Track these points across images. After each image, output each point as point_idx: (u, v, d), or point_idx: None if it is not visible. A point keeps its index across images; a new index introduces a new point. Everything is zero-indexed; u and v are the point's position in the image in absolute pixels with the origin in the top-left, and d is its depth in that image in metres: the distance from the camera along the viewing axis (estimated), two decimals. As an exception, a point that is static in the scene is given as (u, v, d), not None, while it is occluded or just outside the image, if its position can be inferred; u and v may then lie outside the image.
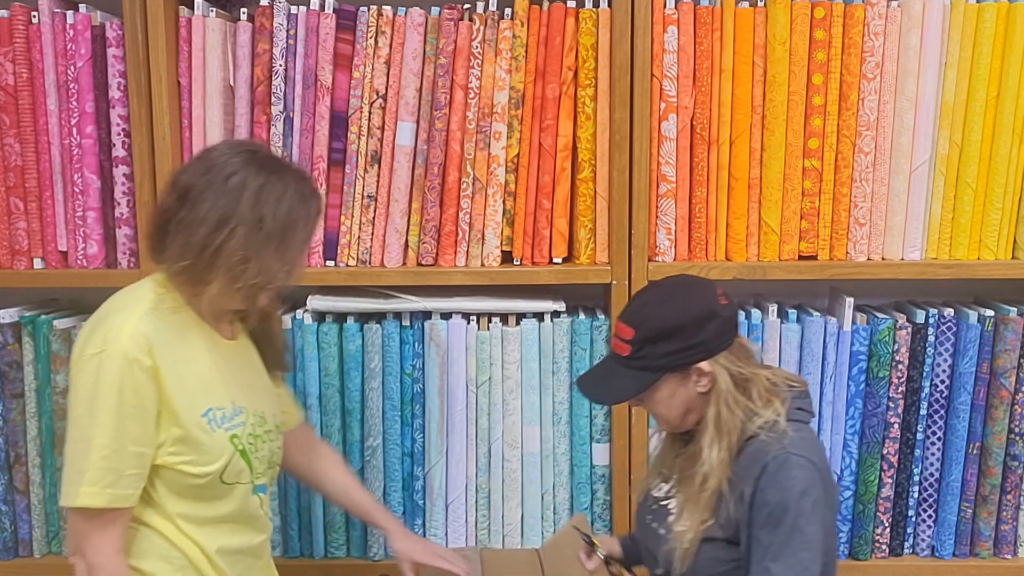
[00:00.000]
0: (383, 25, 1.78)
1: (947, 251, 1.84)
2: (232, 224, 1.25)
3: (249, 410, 1.39)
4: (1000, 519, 1.89)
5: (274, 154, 1.38)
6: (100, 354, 1.24)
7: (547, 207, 1.82)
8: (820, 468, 1.31)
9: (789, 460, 1.28)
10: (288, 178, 1.31)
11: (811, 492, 1.27)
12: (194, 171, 1.30)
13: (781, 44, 1.76)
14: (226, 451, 1.34)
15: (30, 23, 1.79)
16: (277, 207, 1.28)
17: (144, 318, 1.28)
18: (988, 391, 1.85)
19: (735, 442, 1.33)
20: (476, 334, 1.86)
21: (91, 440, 1.24)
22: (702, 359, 1.33)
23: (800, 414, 1.37)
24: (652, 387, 1.36)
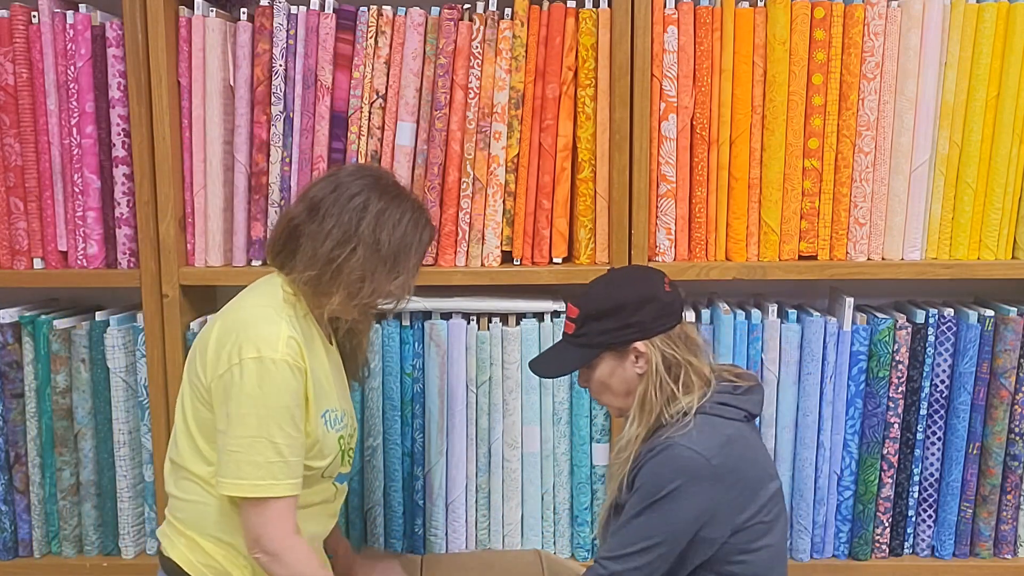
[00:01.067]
0: (383, 25, 1.78)
1: (947, 251, 1.84)
2: (354, 243, 1.36)
3: (348, 412, 1.52)
4: (1000, 519, 1.89)
5: (396, 181, 1.47)
6: (259, 359, 1.33)
7: (547, 207, 1.82)
8: (711, 462, 1.31)
9: (671, 448, 1.32)
10: (406, 206, 1.41)
11: (685, 484, 1.30)
12: (323, 187, 1.40)
13: (781, 44, 1.76)
14: (335, 450, 1.46)
15: (30, 23, 1.79)
16: (394, 231, 1.38)
17: (292, 324, 1.38)
18: (988, 391, 1.85)
19: (652, 423, 1.39)
20: (476, 334, 1.86)
21: (271, 438, 1.33)
22: (638, 339, 1.39)
23: (722, 409, 1.38)
24: (593, 365, 1.43)
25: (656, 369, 1.39)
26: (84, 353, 1.86)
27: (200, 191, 1.82)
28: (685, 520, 1.32)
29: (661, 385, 1.39)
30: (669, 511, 1.31)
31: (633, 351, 1.40)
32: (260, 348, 1.33)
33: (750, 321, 1.84)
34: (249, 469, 1.33)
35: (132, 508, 1.90)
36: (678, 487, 1.31)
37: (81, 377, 1.86)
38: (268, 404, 1.33)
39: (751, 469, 1.37)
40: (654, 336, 1.39)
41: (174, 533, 1.46)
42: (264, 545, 1.35)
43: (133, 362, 1.86)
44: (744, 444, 1.37)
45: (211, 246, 1.83)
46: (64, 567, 1.92)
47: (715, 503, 1.32)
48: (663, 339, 1.39)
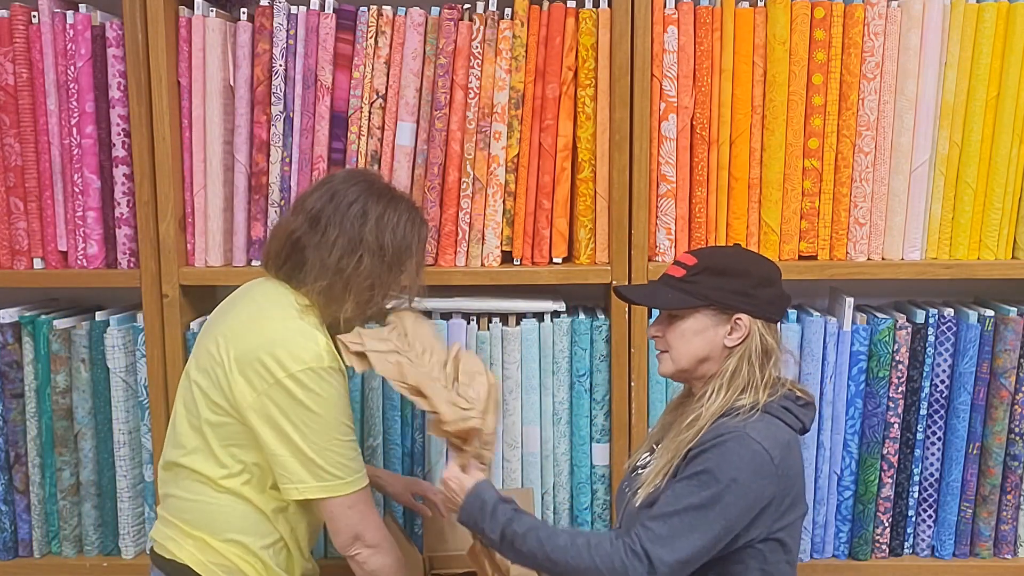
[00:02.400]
0: (383, 25, 1.78)
1: (947, 251, 1.84)
2: (360, 251, 1.40)
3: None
4: (1000, 519, 1.89)
5: (387, 183, 1.51)
6: (312, 370, 1.37)
7: (547, 207, 1.82)
8: (775, 462, 1.29)
9: (741, 439, 1.29)
10: (402, 207, 1.45)
11: (748, 476, 1.27)
12: (320, 197, 1.43)
13: (781, 44, 1.76)
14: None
15: (30, 23, 1.79)
16: (395, 234, 1.42)
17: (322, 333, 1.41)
18: (988, 391, 1.85)
19: (730, 401, 1.35)
20: (476, 334, 1.85)
21: (344, 437, 1.40)
22: (747, 311, 1.36)
23: (786, 415, 1.37)
24: (686, 315, 1.37)
25: (752, 348, 1.36)
26: (84, 353, 1.86)
27: (200, 191, 1.82)
28: (739, 513, 1.28)
29: (751, 367, 1.36)
30: (728, 502, 1.26)
31: (735, 320, 1.36)
32: (307, 360, 1.37)
33: (750, 321, 1.84)
34: (334, 471, 1.39)
35: (132, 508, 1.90)
36: (742, 479, 1.27)
37: (81, 377, 1.86)
38: (333, 409, 1.38)
39: (798, 480, 1.36)
40: (761, 318, 1.37)
41: (180, 535, 1.46)
42: (367, 539, 1.42)
43: (133, 362, 1.86)
44: (797, 454, 1.37)
45: (211, 246, 1.83)
46: (64, 567, 1.92)
47: (768, 500, 1.30)
48: (766, 324, 1.38)
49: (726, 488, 1.26)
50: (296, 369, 1.35)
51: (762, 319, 1.37)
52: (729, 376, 1.37)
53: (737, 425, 1.31)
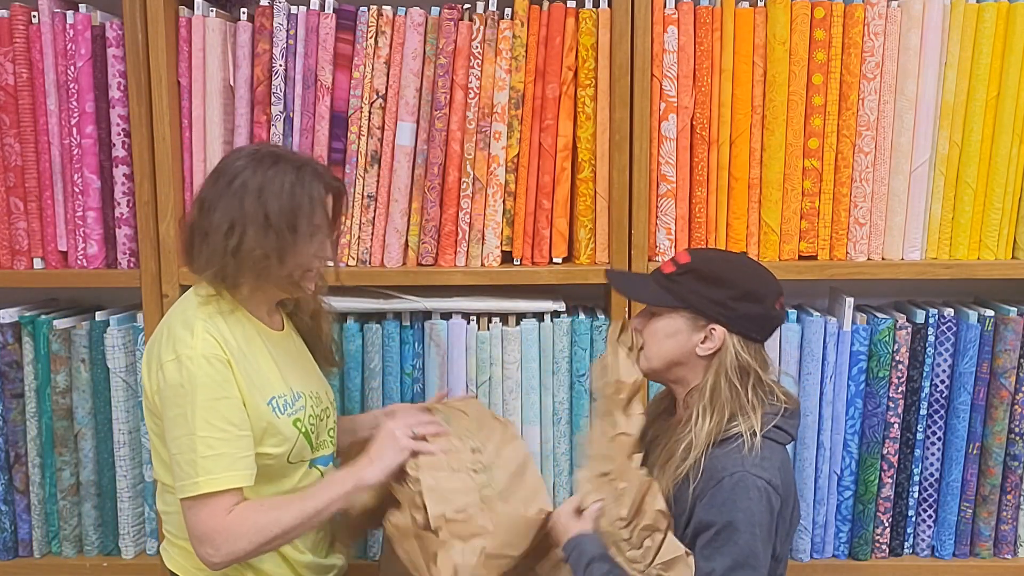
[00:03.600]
0: (383, 25, 1.78)
1: (947, 251, 1.84)
2: (241, 226, 1.34)
3: (307, 394, 1.49)
4: (1000, 519, 1.89)
5: (278, 148, 1.45)
6: (176, 359, 1.34)
7: (547, 207, 1.82)
8: (779, 491, 1.29)
9: (746, 480, 1.27)
10: (286, 168, 1.38)
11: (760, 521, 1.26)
12: (208, 182, 1.40)
13: (781, 44, 1.76)
14: (293, 435, 1.44)
15: (30, 23, 1.79)
16: (280, 201, 1.36)
17: (207, 323, 1.38)
18: (988, 391, 1.85)
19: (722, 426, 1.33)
20: (476, 334, 1.85)
21: (193, 435, 1.32)
22: (722, 323, 1.34)
23: (777, 433, 1.35)
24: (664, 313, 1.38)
25: (728, 364, 1.33)
26: (84, 353, 1.86)
27: (200, 191, 1.82)
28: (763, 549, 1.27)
29: (730, 385, 1.33)
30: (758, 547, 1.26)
31: (709, 329, 1.34)
32: (176, 349, 1.34)
33: (750, 321, 1.84)
34: (187, 469, 1.33)
35: (132, 508, 1.90)
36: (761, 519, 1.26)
37: (81, 377, 1.86)
38: (193, 401, 1.32)
39: (792, 495, 1.36)
40: (737, 333, 1.34)
41: (170, 545, 1.50)
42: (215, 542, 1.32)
43: (133, 362, 1.86)
44: (789, 469, 1.36)
45: (211, 246, 1.83)
46: (64, 567, 1.92)
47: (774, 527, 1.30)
48: (743, 341, 1.34)
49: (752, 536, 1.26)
50: (166, 359, 1.34)
51: (739, 334, 1.34)
52: (710, 394, 1.34)
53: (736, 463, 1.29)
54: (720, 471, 1.29)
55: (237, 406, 1.36)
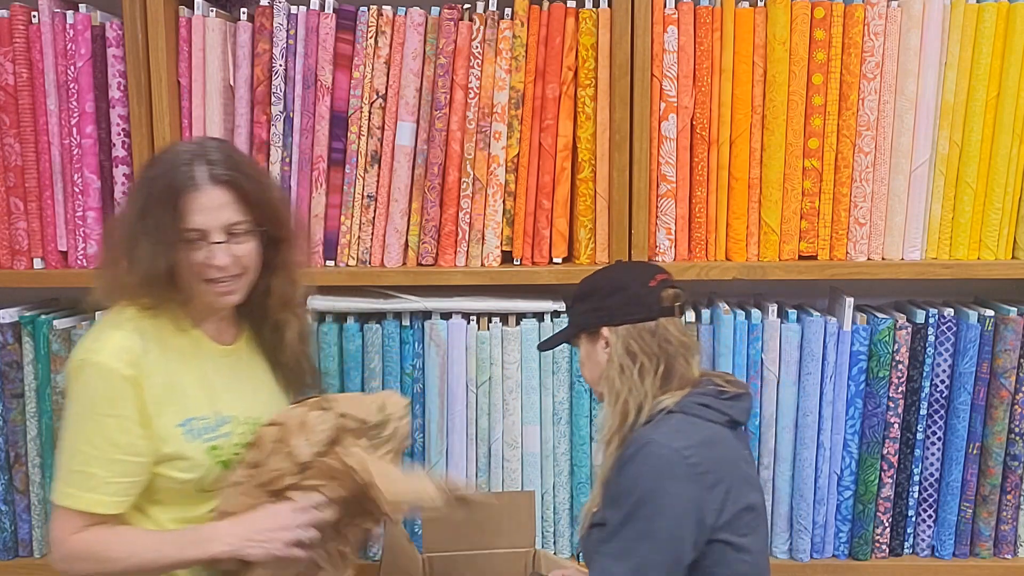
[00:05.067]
0: (383, 25, 1.78)
1: (947, 251, 1.84)
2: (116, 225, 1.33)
3: (240, 419, 1.38)
4: (1000, 519, 1.89)
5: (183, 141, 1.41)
6: (82, 363, 1.29)
7: (547, 207, 1.82)
8: (691, 460, 1.26)
9: (649, 445, 1.28)
10: (166, 156, 1.33)
11: (663, 483, 1.26)
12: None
13: (781, 44, 1.76)
14: (204, 462, 1.34)
15: (30, 23, 1.78)
16: (151, 188, 1.29)
17: (129, 331, 1.31)
18: (988, 391, 1.85)
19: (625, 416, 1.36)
20: (476, 334, 1.86)
21: (74, 444, 1.28)
22: (604, 324, 1.41)
23: (702, 410, 1.35)
24: (578, 344, 1.48)
25: (616, 357, 1.38)
26: (84, 353, 1.85)
27: (200, 191, 1.82)
28: (675, 523, 1.25)
29: (623, 375, 1.37)
30: (655, 516, 1.25)
31: (601, 336, 1.41)
32: (87, 350, 1.30)
33: (750, 321, 1.84)
34: (59, 473, 1.29)
35: (132, 508, 1.90)
36: (658, 487, 1.25)
37: (81, 377, 1.86)
38: (82, 410, 1.28)
39: (730, 473, 1.31)
40: (619, 325, 1.39)
41: None
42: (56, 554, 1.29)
43: (133, 362, 1.86)
44: (722, 449, 1.33)
45: (211, 246, 1.83)
46: (64, 567, 1.92)
47: (695, 502, 1.26)
48: (629, 329, 1.39)
49: (647, 501, 1.26)
50: (75, 357, 1.30)
51: (622, 324, 1.39)
52: (607, 389, 1.40)
53: (642, 434, 1.31)
54: (630, 445, 1.32)
55: (126, 427, 1.28)
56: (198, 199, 1.28)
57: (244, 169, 1.33)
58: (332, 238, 1.83)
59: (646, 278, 1.42)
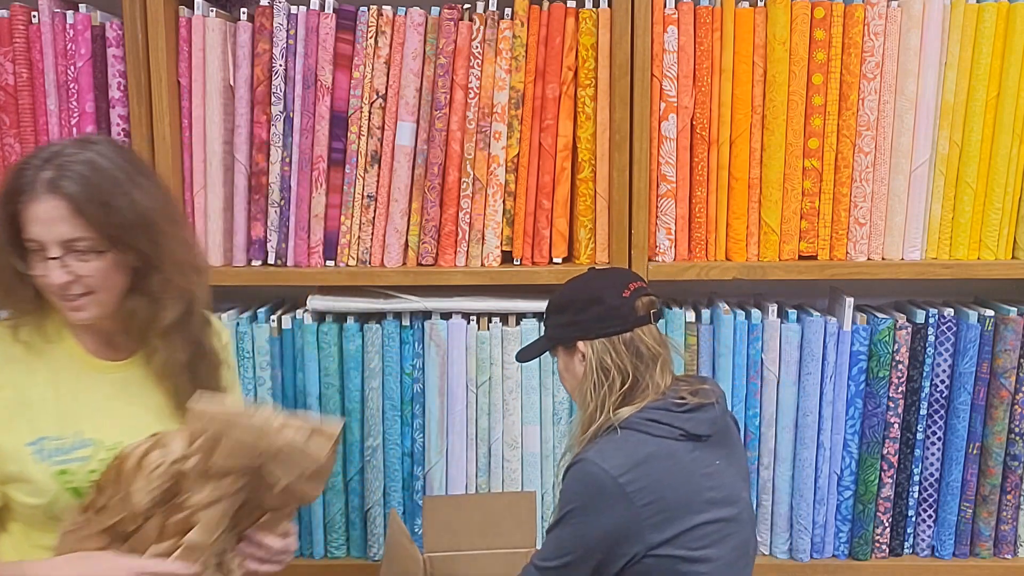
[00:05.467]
0: (383, 25, 1.78)
1: (947, 251, 1.84)
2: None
3: (106, 444, 1.24)
4: (1000, 519, 1.89)
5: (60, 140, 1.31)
6: None
7: (547, 207, 1.82)
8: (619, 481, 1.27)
9: (581, 464, 1.31)
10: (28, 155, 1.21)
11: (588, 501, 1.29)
12: None
13: (781, 44, 1.76)
14: (50, 487, 1.21)
15: (30, 23, 1.78)
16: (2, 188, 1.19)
17: None
18: (988, 391, 1.85)
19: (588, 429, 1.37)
20: (476, 334, 1.86)
21: None
22: (579, 338, 1.40)
23: (648, 425, 1.33)
24: (556, 356, 1.47)
25: (592, 371, 1.38)
26: (84, 353, 1.85)
27: (200, 191, 1.82)
28: (594, 537, 1.30)
29: (596, 390, 1.37)
30: (578, 527, 1.30)
31: (578, 350, 1.41)
32: None
33: (750, 321, 1.84)
34: None
35: (132, 508, 1.90)
36: (584, 504, 1.29)
37: (81, 377, 1.86)
38: None
39: (670, 492, 1.30)
40: (595, 338, 1.38)
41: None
42: None
43: (133, 362, 1.86)
44: (667, 465, 1.31)
45: (211, 246, 1.83)
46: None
47: (625, 521, 1.28)
48: (605, 343, 1.38)
49: (574, 512, 1.30)
50: None
51: (599, 338, 1.38)
52: (579, 402, 1.42)
53: (583, 452, 1.33)
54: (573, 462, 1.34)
55: None
56: (35, 208, 1.16)
57: (100, 181, 1.17)
58: (332, 238, 1.83)
59: (620, 288, 1.40)
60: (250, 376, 1.85)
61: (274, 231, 1.82)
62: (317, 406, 1.86)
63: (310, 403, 1.85)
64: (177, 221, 1.28)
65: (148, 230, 1.21)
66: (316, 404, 1.86)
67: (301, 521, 1.90)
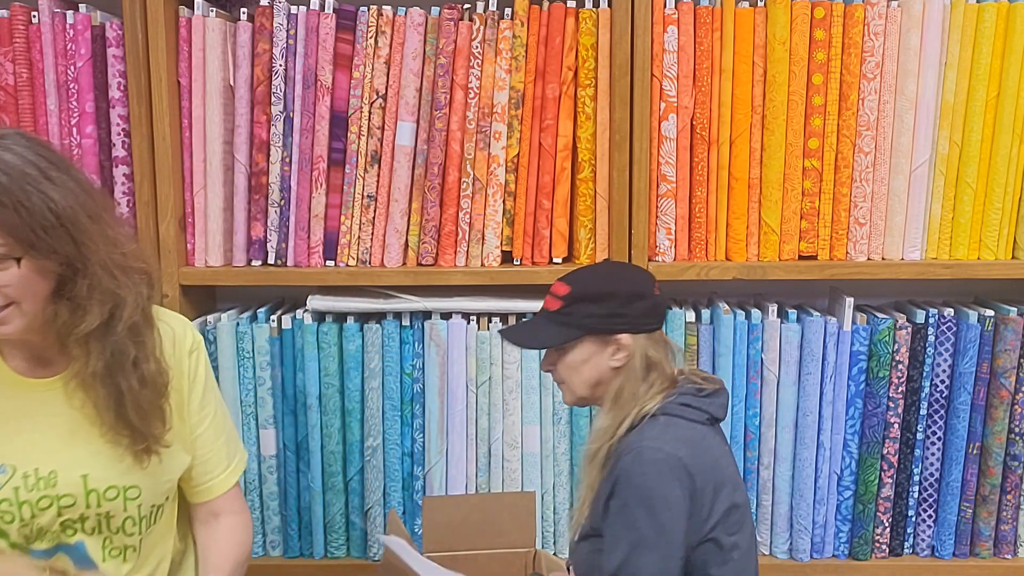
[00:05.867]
0: (383, 25, 1.78)
1: (947, 251, 1.84)
2: None
3: (20, 470, 1.17)
4: (1000, 519, 1.89)
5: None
6: None
7: (547, 207, 1.82)
8: (683, 463, 1.27)
9: (643, 451, 1.28)
10: None
11: (662, 485, 1.26)
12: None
13: (781, 44, 1.76)
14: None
15: (30, 23, 1.78)
16: None
17: None
18: (988, 391, 1.85)
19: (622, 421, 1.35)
20: (476, 334, 1.86)
21: None
22: (625, 331, 1.37)
23: (684, 410, 1.35)
24: (571, 346, 1.39)
25: (636, 365, 1.37)
26: (84, 353, 1.85)
27: (200, 191, 1.82)
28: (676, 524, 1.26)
29: (634, 383, 1.37)
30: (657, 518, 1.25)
31: (615, 342, 1.37)
32: None
33: (750, 321, 1.84)
34: None
35: (132, 508, 1.90)
36: (658, 490, 1.26)
37: (81, 377, 1.86)
38: None
39: (714, 471, 1.32)
40: (640, 332, 1.38)
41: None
42: None
43: (133, 362, 1.86)
44: (707, 446, 1.34)
45: (211, 246, 1.83)
46: (64, 567, 1.92)
47: (689, 503, 1.28)
48: (647, 338, 1.39)
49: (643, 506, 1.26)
50: None
51: (642, 333, 1.38)
52: (614, 396, 1.38)
53: (633, 441, 1.31)
54: (622, 450, 1.31)
55: None
56: None
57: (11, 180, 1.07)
58: (332, 238, 1.83)
59: (653, 284, 1.42)
60: (250, 376, 1.85)
61: (274, 231, 1.82)
62: (317, 406, 1.86)
63: (310, 403, 1.85)
64: (101, 217, 1.16)
65: (69, 230, 1.10)
66: (316, 404, 1.86)
67: (301, 521, 1.91)
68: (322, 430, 1.86)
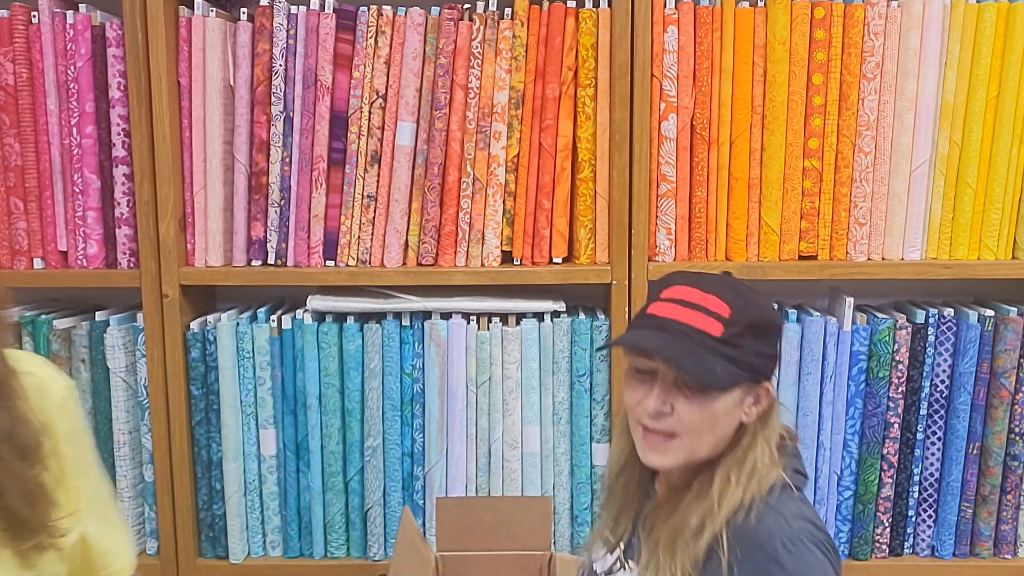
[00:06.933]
0: (383, 25, 1.78)
1: (947, 251, 1.84)
2: None
3: None
4: (1000, 519, 1.89)
5: None
6: None
7: (547, 207, 1.82)
8: (832, 544, 1.07)
9: (800, 543, 1.02)
10: None
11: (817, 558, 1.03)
12: None
13: (781, 44, 1.76)
14: None
15: (30, 23, 1.79)
16: None
17: None
18: (988, 391, 1.85)
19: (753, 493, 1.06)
20: (476, 334, 1.86)
21: None
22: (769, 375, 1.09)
23: (797, 478, 1.12)
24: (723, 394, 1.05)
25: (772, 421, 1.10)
26: (84, 353, 1.86)
27: (200, 191, 1.82)
28: None
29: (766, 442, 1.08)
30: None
31: (764, 390, 1.08)
32: None
33: (750, 321, 1.84)
34: None
35: (132, 508, 1.90)
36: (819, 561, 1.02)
37: (81, 377, 1.86)
38: None
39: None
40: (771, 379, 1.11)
41: None
42: None
43: (133, 362, 1.86)
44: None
45: (211, 246, 1.83)
46: (64, 567, 1.92)
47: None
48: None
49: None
50: None
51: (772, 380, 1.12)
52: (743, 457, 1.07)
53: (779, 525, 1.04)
54: (763, 539, 1.03)
55: None
56: None
57: None
58: (332, 238, 1.83)
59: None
60: (250, 376, 1.85)
61: (274, 231, 1.83)
62: (317, 406, 1.86)
63: (310, 403, 1.85)
64: None
65: None
66: (316, 404, 1.86)
67: (301, 521, 1.91)
68: (322, 430, 1.86)
